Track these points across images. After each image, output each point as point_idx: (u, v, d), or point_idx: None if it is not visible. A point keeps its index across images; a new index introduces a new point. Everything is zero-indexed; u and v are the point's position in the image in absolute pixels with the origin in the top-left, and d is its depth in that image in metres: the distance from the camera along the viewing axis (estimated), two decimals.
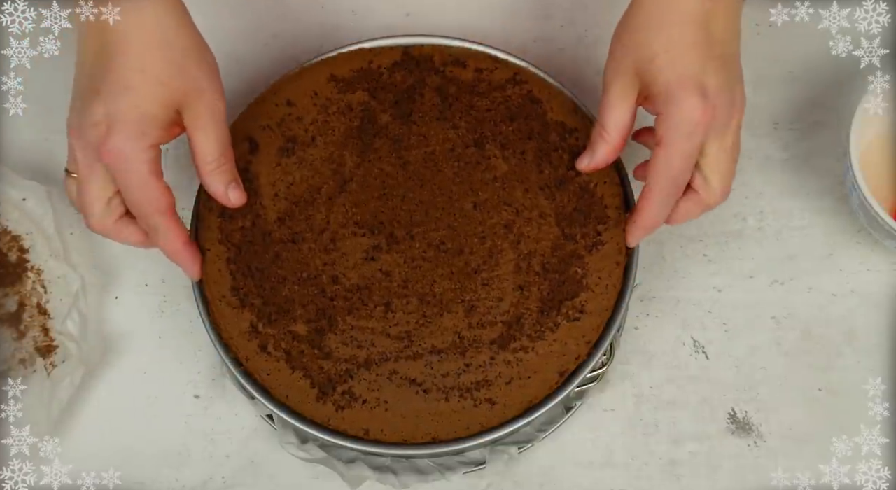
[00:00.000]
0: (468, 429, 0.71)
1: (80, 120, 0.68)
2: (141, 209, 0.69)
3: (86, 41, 0.69)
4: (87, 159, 0.68)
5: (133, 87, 0.67)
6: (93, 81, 0.68)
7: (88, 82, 0.69)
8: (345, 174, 0.76)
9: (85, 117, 0.68)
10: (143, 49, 0.68)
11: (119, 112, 0.67)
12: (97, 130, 0.67)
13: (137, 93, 0.67)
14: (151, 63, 0.68)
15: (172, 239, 0.70)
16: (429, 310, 0.73)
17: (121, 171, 0.68)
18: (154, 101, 0.68)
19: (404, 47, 0.79)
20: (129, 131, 0.67)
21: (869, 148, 0.77)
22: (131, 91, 0.67)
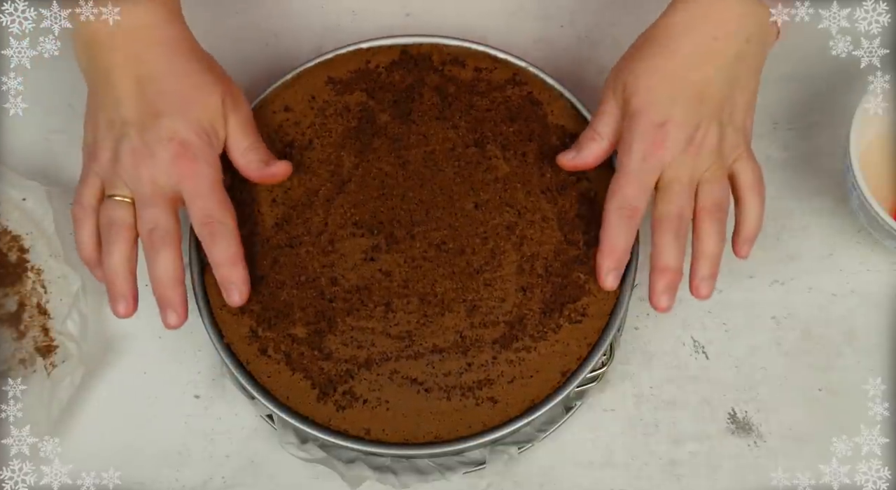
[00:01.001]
0: (470, 428, 0.71)
1: (144, 143, 0.70)
2: (209, 214, 0.70)
3: (120, 74, 0.71)
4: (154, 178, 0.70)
5: (193, 104, 0.71)
6: (148, 106, 0.70)
7: (143, 107, 0.70)
8: (343, 175, 0.76)
9: (151, 138, 0.70)
10: (182, 63, 0.72)
11: (188, 128, 0.70)
12: (171, 146, 0.70)
13: (197, 109, 0.71)
14: (196, 76, 0.72)
15: (233, 247, 0.71)
16: (430, 309, 0.73)
17: (194, 177, 0.70)
18: (211, 111, 0.71)
19: (402, 47, 0.79)
20: (200, 144, 0.71)
21: (869, 148, 0.77)
22: (194, 109, 0.71)
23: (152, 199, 0.70)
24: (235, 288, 0.71)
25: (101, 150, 0.71)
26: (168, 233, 0.70)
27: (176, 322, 0.70)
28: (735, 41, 0.71)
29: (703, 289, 0.71)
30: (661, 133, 0.70)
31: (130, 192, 0.71)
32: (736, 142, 0.72)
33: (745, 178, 0.72)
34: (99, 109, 0.72)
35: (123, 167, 0.70)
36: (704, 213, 0.71)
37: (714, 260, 0.71)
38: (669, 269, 0.70)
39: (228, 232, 0.71)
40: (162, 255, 0.70)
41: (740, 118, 0.72)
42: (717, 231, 0.71)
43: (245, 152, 0.74)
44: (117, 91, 0.71)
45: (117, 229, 0.70)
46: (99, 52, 0.71)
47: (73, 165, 0.83)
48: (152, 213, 0.70)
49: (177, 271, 0.70)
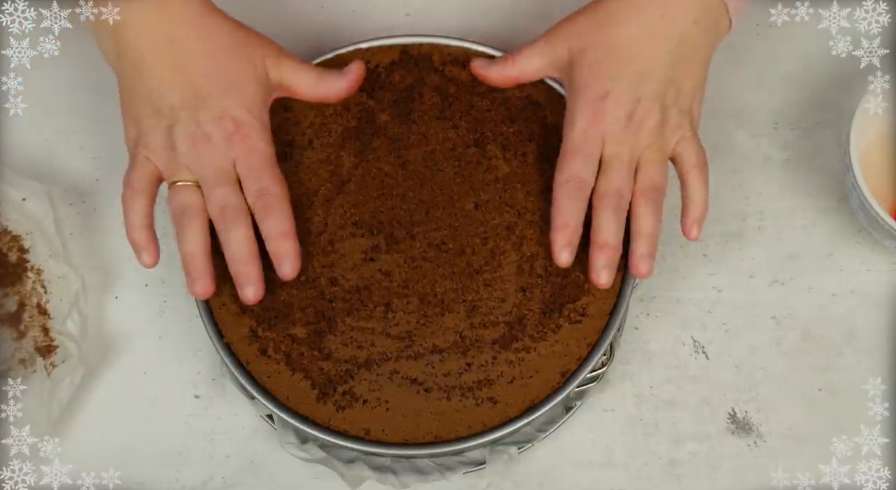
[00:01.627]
0: (470, 428, 0.71)
1: (197, 126, 0.71)
2: (263, 188, 0.71)
3: (153, 61, 0.71)
4: (213, 159, 0.71)
5: (238, 81, 0.72)
6: (192, 87, 0.71)
7: (187, 90, 0.71)
8: (342, 175, 0.76)
9: (203, 119, 0.71)
10: (216, 36, 0.72)
11: (236, 105, 0.71)
12: (223, 124, 0.71)
13: (243, 85, 0.72)
14: (233, 48, 0.72)
15: (286, 220, 0.71)
16: (430, 309, 0.73)
17: (248, 153, 0.71)
18: (254, 79, 0.72)
19: (402, 47, 0.79)
20: (250, 118, 0.72)
21: (869, 148, 0.77)
22: (240, 85, 0.72)
23: (217, 180, 0.71)
24: (288, 260, 0.71)
25: (152, 139, 0.71)
26: (238, 210, 0.71)
27: (255, 296, 0.71)
28: (682, 22, 0.71)
29: (641, 266, 0.72)
30: (601, 107, 0.71)
31: (193, 175, 0.71)
32: (679, 123, 0.72)
33: (689, 159, 0.73)
34: (138, 99, 0.72)
35: (182, 152, 0.71)
36: (640, 194, 0.72)
37: (650, 239, 0.72)
38: (608, 246, 0.71)
39: (282, 205, 0.71)
40: (235, 233, 0.70)
41: (686, 101, 0.73)
42: (652, 212, 0.72)
43: (318, 81, 0.75)
44: (156, 78, 0.71)
45: (190, 213, 0.71)
46: (127, 40, 0.71)
47: (73, 165, 0.83)
48: (220, 193, 0.71)
49: (251, 246, 0.71)
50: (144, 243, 0.72)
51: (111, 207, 0.82)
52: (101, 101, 0.84)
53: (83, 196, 0.82)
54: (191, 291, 0.71)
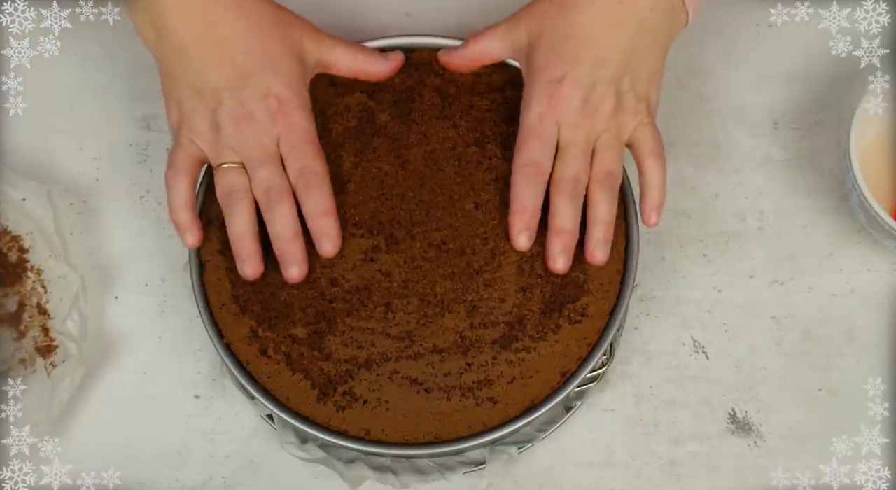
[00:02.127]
0: (470, 428, 0.71)
1: (241, 105, 0.71)
2: (305, 166, 0.71)
3: (193, 42, 0.71)
4: (259, 139, 0.71)
5: (279, 59, 0.72)
6: (234, 68, 0.71)
7: (230, 71, 0.71)
8: (342, 175, 0.75)
9: (247, 99, 0.71)
10: (256, 16, 0.72)
11: (278, 83, 0.71)
12: (267, 103, 0.71)
13: (283, 63, 0.72)
14: (273, 27, 0.72)
15: (327, 199, 0.72)
16: (430, 310, 0.73)
17: (291, 131, 0.71)
18: (296, 57, 0.73)
19: (403, 48, 0.79)
20: (292, 96, 0.72)
21: (869, 148, 0.77)
22: (281, 63, 0.72)
23: (262, 160, 0.71)
24: (329, 238, 0.71)
25: (196, 121, 0.71)
26: (283, 189, 0.71)
27: (299, 275, 0.71)
28: (640, 9, 0.71)
29: (597, 252, 0.72)
30: (557, 91, 0.72)
31: (237, 155, 0.71)
32: (636, 108, 0.72)
33: (645, 145, 0.73)
34: (180, 82, 0.72)
35: (227, 133, 0.71)
36: (595, 180, 0.72)
37: (606, 225, 0.72)
38: (564, 231, 0.71)
39: (323, 183, 0.72)
40: (280, 212, 0.71)
41: (643, 88, 0.73)
42: (608, 198, 0.72)
43: (358, 55, 0.75)
44: (198, 60, 0.71)
45: (237, 195, 0.71)
46: (166, 22, 0.70)
47: (73, 165, 0.83)
48: (265, 173, 0.71)
49: (296, 225, 0.71)
50: (188, 224, 0.72)
51: (111, 207, 0.82)
52: (101, 101, 0.84)
53: (83, 196, 0.82)
54: (241, 272, 0.71)
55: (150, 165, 0.83)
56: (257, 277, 0.72)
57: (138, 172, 0.83)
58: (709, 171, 0.82)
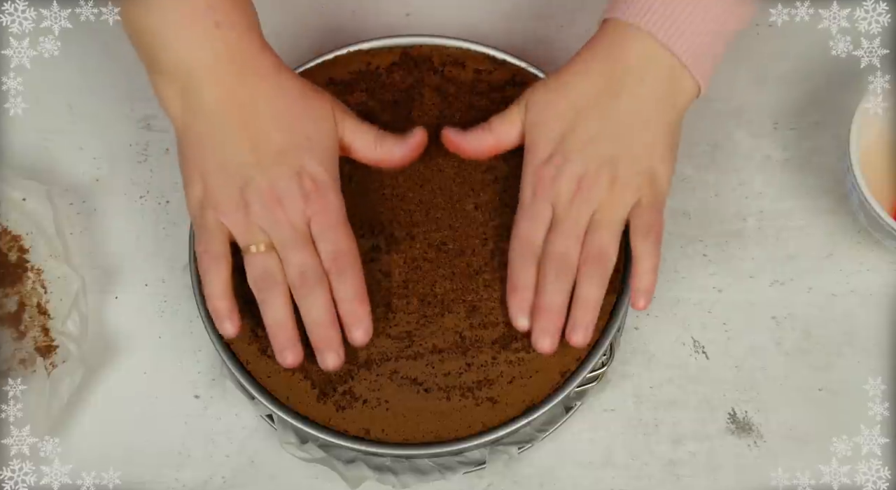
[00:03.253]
0: (469, 428, 0.71)
1: (271, 185, 0.68)
2: (339, 248, 0.69)
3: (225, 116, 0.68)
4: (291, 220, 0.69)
5: (312, 138, 0.70)
6: (265, 144, 0.69)
7: (260, 146, 0.68)
8: (343, 175, 0.75)
9: (277, 178, 0.68)
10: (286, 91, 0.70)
11: (313, 162, 0.69)
12: (299, 183, 0.69)
13: (317, 142, 0.70)
14: (302, 100, 0.70)
15: (360, 283, 0.70)
16: (429, 310, 0.73)
17: (325, 212, 0.69)
18: (326, 134, 0.70)
19: (403, 48, 0.79)
20: (325, 175, 0.70)
21: (869, 148, 0.77)
22: (314, 142, 0.70)
23: (295, 243, 0.69)
24: (361, 326, 0.69)
25: (223, 200, 0.69)
26: (317, 273, 0.69)
27: (336, 364, 0.69)
28: (627, 82, 0.70)
29: (573, 336, 0.70)
30: (548, 170, 0.71)
31: (267, 237, 0.69)
32: (636, 186, 0.70)
33: (639, 228, 0.71)
34: (206, 157, 0.69)
35: (256, 214, 0.68)
36: (584, 260, 0.70)
37: (590, 307, 0.70)
38: (545, 309, 0.70)
39: (355, 267, 0.70)
40: (315, 298, 0.69)
41: (644, 163, 0.70)
42: (595, 281, 0.70)
43: (377, 143, 0.73)
44: (229, 135, 0.68)
45: (272, 281, 0.69)
46: (198, 93, 0.68)
47: (73, 165, 0.83)
48: (299, 258, 0.69)
49: (332, 312, 0.69)
50: (227, 312, 0.70)
51: (111, 207, 0.82)
52: (101, 101, 0.84)
53: (83, 196, 0.82)
54: (281, 361, 0.69)
55: (150, 165, 0.83)
56: (298, 364, 0.70)
57: (138, 172, 0.83)
58: (709, 171, 0.82)
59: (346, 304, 0.69)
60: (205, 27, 0.67)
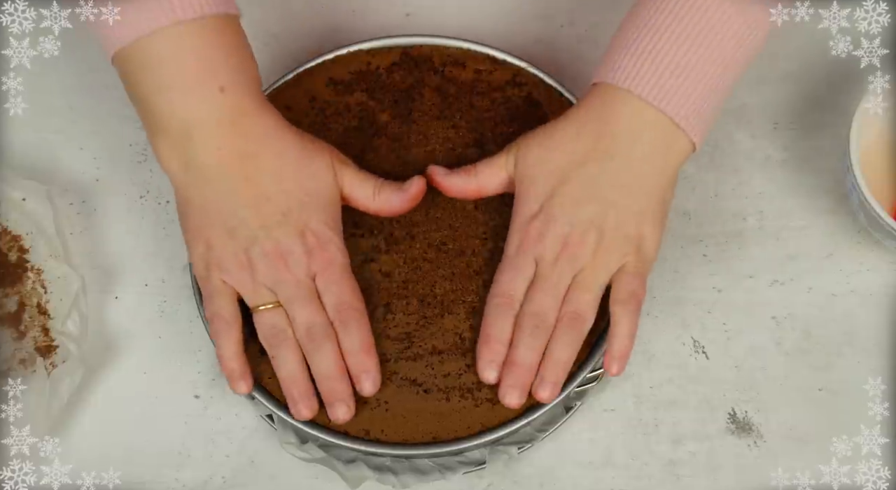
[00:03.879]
0: (469, 428, 0.71)
1: (276, 244, 0.69)
2: (344, 301, 0.70)
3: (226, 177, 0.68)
4: (296, 278, 0.70)
5: (314, 194, 0.70)
6: (269, 204, 0.69)
7: (264, 207, 0.69)
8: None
9: (281, 237, 0.69)
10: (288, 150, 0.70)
11: (316, 219, 0.70)
12: (303, 241, 0.69)
13: (319, 198, 0.70)
14: (304, 158, 0.70)
15: (366, 334, 0.70)
16: (429, 311, 0.73)
17: (329, 267, 0.70)
18: (328, 189, 0.71)
19: (403, 48, 0.79)
20: (328, 231, 0.70)
21: (869, 148, 0.77)
22: (316, 198, 0.70)
23: (300, 300, 0.70)
24: (369, 377, 0.70)
25: (228, 261, 0.69)
26: (324, 328, 0.70)
27: (346, 416, 0.70)
28: (618, 144, 0.69)
29: (540, 391, 0.70)
30: (535, 227, 0.70)
31: (273, 295, 0.70)
32: (622, 251, 0.70)
33: (619, 293, 0.71)
34: (206, 215, 0.69)
35: (262, 274, 0.69)
36: (560, 319, 0.70)
37: (559, 366, 0.70)
38: (517, 364, 0.70)
39: (361, 319, 0.70)
40: (324, 353, 0.69)
41: (632, 228, 0.70)
42: (570, 340, 0.70)
43: (376, 193, 0.73)
44: (231, 196, 0.69)
45: (282, 338, 0.70)
46: (198, 154, 0.68)
47: (73, 165, 0.83)
48: (306, 314, 0.70)
49: (341, 364, 0.70)
50: (241, 372, 0.71)
51: (111, 207, 0.82)
52: (100, 101, 0.84)
53: (83, 196, 0.82)
54: (297, 415, 0.70)
55: (150, 165, 0.83)
56: (313, 416, 0.71)
57: (138, 172, 0.83)
58: (709, 171, 0.82)
59: (353, 356, 0.70)
60: (210, 90, 0.67)
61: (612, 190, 0.70)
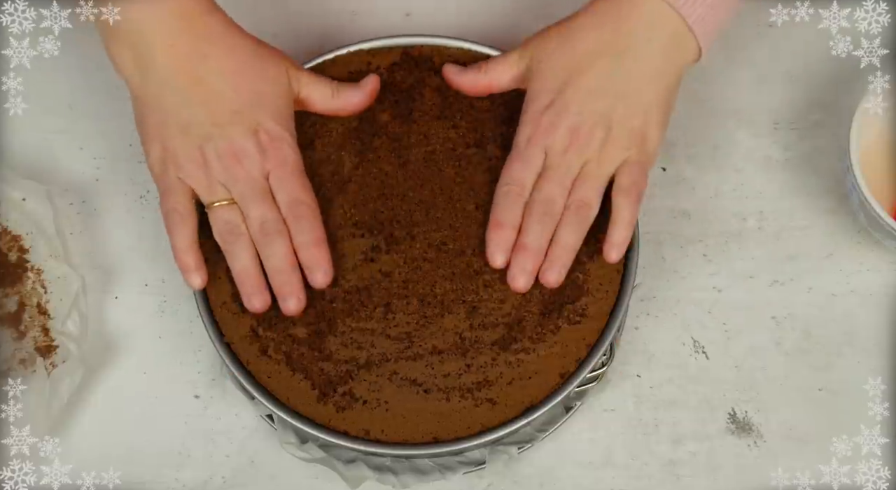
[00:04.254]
0: (469, 428, 0.71)
1: (229, 142, 0.71)
2: (296, 198, 0.72)
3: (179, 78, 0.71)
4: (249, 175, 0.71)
5: (267, 95, 0.72)
6: (221, 103, 0.71)
7: (216, 105, 0.71)
8: (343, 175, 0.75)
9: (235, 135, 0.71)
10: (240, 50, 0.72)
11: (268, 118, 0.72)
12: (256, 138, 0.71)
13: (271, 99, 0.72)
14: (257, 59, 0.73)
15: (318, 229, 0.72)
16: (429, 311, 0.73)
17: (282, 165, 0.72)
18: (282, 89, 0.73)
19: (403, 48, 0.79)
20: (281, 130, 0.72)
21: (869, 148, 0.77)
22: (269, 99, 0.72)
23: (254, 196, 0.71)
24: (320, 268, 0.72)
25: (183, 159, 0.71)
26: (277, 222, 0.71)
27: (297, 308, 0.72)
28: (634, 40, 0.71)
29: (548, 274, 0.72)
30: (546, 119, 0.72)
31: (228, 192, 0.72)
32: (626, 144, 0.72)
33: (621, 182, 0.72)
34: (162, 117, 0.71)
35: (216, 170, 0.71)
36: (567, 208, 0.72)
37: (567, 251, 0.72)
38: (526, 248, 0.71)
39: (313, 214, 0.72)
40: (276, 247, 0.71)
41: (638, 122, 0.72)
42: (574, 228, 0.72)
43: (333, 93, 0.75)
44: (185, 96, 0.71)
45: (235, 232, 0.72)
46: (151, 56, 0.70)
47: (73, 165, 0.83)
48: (259, 210, 0.71)
49: (292, 258, 0.72)
50: (195, 265, 0.72)
51: (111, 207, 0.82)
52: (101, 101, 0.84)
53: (83, 196, 0.82)
54: (249, 306, 0.72)
55: None
56: (266, 310, 0.72)
57: (138, 172, 0.83)
58: (709, 171, 0.82)
59: (303, 250, 0.72)
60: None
61: (625, 83, 0.72)
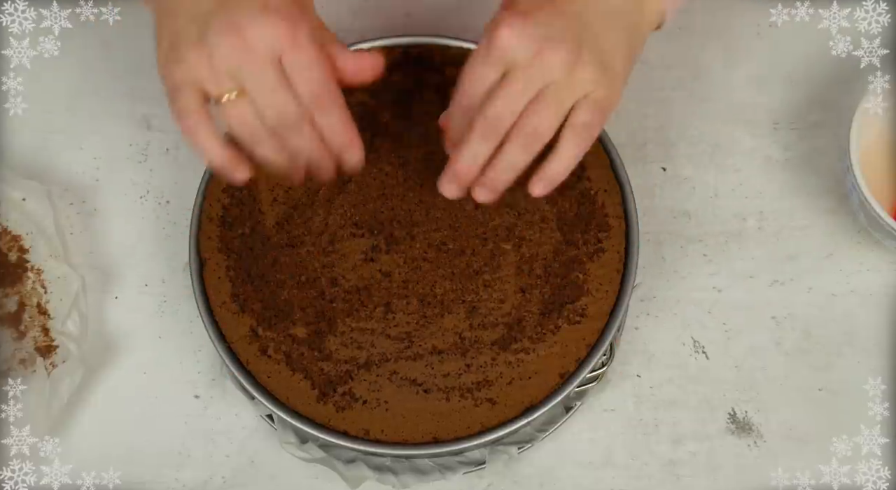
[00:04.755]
0: (468, 428, 0.71)
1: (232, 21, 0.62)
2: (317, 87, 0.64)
3: None
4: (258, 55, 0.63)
5: None
6: None
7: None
8: (343, 175, 0.75)
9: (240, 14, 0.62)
10: None
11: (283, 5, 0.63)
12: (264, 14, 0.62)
13: None
14: None
15: (346, 114, 0.66)
16: (429, 310, 0.73)
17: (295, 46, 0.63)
18: None
19: (403, 47, 0.79)
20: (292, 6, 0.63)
21: (869, 148, 0.77)
22: None
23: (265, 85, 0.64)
24: (354, 146, 0.67)
25: (185, 50, 0.63)
26: (297, 113, 0.64)
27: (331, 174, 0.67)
28: None
29: (479, 192, 0.67)
30: (518, 19, 0.64)
31: (236, 82, 0.63)
32: (592, 77, 0.65)
33: (575, 121, 0.66)
34: (176, 14, 0.64)
35: (221, 56, 0.63)
36: (514, 130, 0.66)
37: (505, 169, 0.66)
38: (459, 162, 0.66)
39: (341, 102, 0.66)
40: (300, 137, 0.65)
41: (606, 58, 0.66)
42: (518, 150, 0.66)
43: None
44: None
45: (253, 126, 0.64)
46: None
47: (73, 165, 0.83)
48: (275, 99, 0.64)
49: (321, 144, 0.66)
50: (234, 161, 0.65)
51: (111, 207, 0.82)
52: (101, 101, 0.84)
53: (83, 196, 0.82)
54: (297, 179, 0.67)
55: (150, 165, 0.83)
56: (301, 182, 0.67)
57: (138, 172, 0.83)
58: (709, 171, 0.82)
59: (333, 136, 0.66)
60: None
61: (595, 18, 0.66)
